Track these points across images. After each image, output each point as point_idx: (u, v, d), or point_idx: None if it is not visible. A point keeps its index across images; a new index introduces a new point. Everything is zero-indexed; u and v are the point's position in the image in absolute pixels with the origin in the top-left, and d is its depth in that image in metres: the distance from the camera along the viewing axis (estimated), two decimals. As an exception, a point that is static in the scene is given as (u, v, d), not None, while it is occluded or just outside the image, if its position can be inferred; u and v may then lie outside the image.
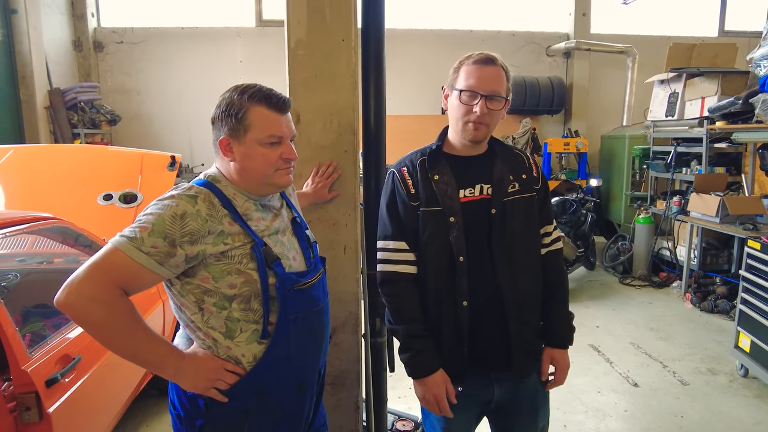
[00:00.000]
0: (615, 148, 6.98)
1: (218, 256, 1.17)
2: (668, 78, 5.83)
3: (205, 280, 1.18)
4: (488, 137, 1.54)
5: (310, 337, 1.31)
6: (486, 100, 1.44)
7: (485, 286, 1.49)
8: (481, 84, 1.44)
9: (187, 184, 1.22)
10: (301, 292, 1.26)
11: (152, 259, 1.09)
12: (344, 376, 2.18)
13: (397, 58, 7.50)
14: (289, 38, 2.02)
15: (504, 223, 1.49)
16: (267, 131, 1.20)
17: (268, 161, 1.21)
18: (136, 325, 1.12)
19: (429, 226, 1.50)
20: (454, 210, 1.48)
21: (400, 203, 1.54)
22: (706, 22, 8.56)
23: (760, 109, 4.40)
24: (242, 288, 1.19)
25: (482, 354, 1.52)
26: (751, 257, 3.35)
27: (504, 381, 1.57)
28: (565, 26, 8.23)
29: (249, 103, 1.19)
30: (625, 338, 4.11)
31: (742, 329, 3.39)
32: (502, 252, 1.49)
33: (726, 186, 5.17)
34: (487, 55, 1.47)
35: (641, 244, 5.70)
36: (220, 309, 1.20)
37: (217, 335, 1.21)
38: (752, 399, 3.18)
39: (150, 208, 1.14)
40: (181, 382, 1.20)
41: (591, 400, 3.15)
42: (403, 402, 3.05)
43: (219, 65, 7.54)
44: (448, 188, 1.49)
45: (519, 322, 1.51)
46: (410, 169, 1.56)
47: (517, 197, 1.52)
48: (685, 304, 4.92)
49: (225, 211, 1.19)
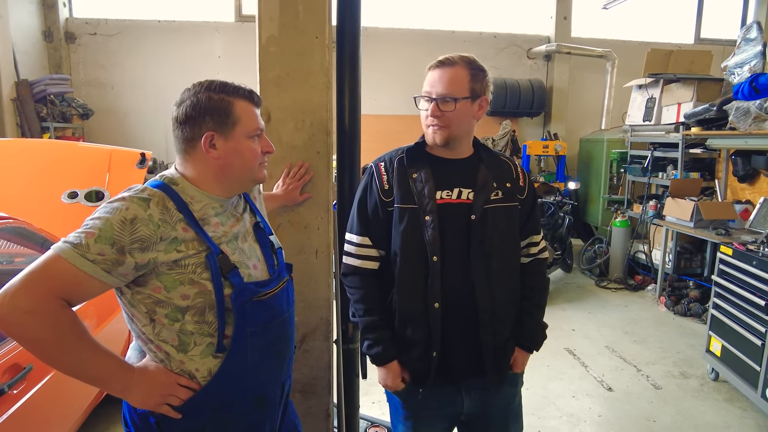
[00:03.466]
0: (593, 152, 7.05)
1: (170, 265, 1.09)
2: (646, 83, 5.90)
3: (157, 290, 1.11)
4: (454, 139, 1.49)
5: (270, 350, 1.25)
6: (438, 102, 1.43)
7: (459, 291, 1.46)
8: (432, 87, 1.45)
9: (140, 186, 1.14)
10: (260, 304, 1.19)
11: (98, 267, 1.02)
12: (315, 383, 2.12)
13: (380, 57, 7.46)
14: (260, 35, 1.95)
15: (483, 231, 1.46)
16: (253, 124, 1.20)
17: (254, 155, 1.21)
18: (77, 340, 1.04)
19: (403, 223, 1.47)
20: (430, 209, 1.44)
21: (370, 198, 1.54)
22: (683, 29, 8.70)
23: (734, 116, 4.48)
24: (196, 299, 1.12)
25: (451, 360, 1.48)
26: (723, 263, 3.39)
27: (473, 392, 1.55)
28: (546, 29, 8.27)
29: (233, 98, 1.17)
30: (601, 342, 4.14)
31: (714, 334, 3.43)
32: (480, 259, 1.45)
33: (700, 191, 5.25)
34: (446, 57, 1.46)
35: (617, 248, 5.76)
36: (173, 321, 1.13)
37: (170, 348, 1.14)
38: (722, 402, 3.22)
39: (98, 212, 1.07)
40: (130, 398, 1.13)
41: (566, 405, 3.15)
42: (376, 407, 3.00)
43: (197, 60, 7.37)
44: (425, 187, 1.46)
45: (491, 332, 1.48)
46: (387, 165, 1.54)
47: (499, 205, 1.49)
48: (660, 307, 4.98)
49: (180, 216, 1.12)
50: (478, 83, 1.45)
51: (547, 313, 1.64)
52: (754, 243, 3.35)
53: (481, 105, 1.48)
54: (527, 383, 3.57)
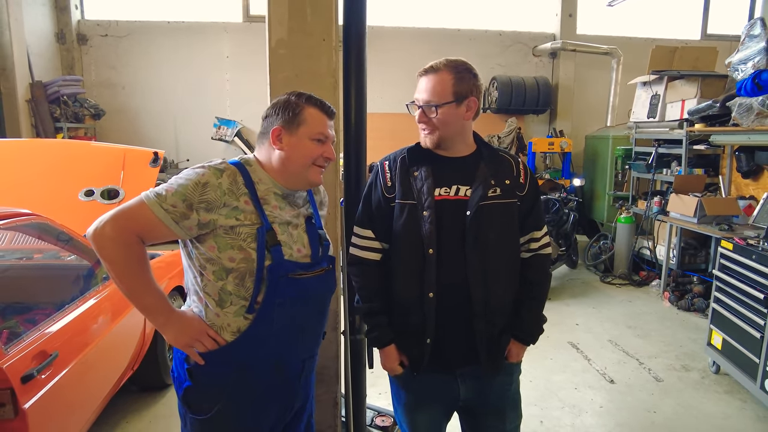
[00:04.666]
0: (599, 148, 7.08)
1: (227, 229, 1.29)
2: (650, 80, 5.93)
3: (211, 248, 1.30)
4: (445, 141, 1.57)
5: (295, 324, 1.40)
6: (423, 109, 1.55)
7: (453, 282, 1.54)
8: (418, 94, 1.57)
9: (220, 159, 1.38)
10: (293, 281, 1.36)
11: (169, 216, 1.25)
12: (323, 372, 2.21)
13: (386, 56, 7.53)
14: (270, 37, 2.03)
15: (479, 227, 1.52)
16: (317, 128, 1.38)
17: (311, 154, 1.38)
18: (142, 271, 1.28)
19: (402, 217, 1.56)
20: (427, 205, 1.53)
21: (375, 194, 1.65)
22: (689, 25, 8.69)
23: (737, 112, 4.51)
24: (240, 264, 1.31)
25: (445, 348, 1.57)
26: (724, 257, 3.44)
27: (469, 378, 1.62)
28: (551, 27, 8.30)
29: (305, 104, 1.38)
30: (604, 336, 4.19)
31: (715, 327, 3.48)
32: (475, 254, 1.52)
33: (704, 187, 5.28)
34: (431, 64, 1.55)
35: (622, 244, 5.80)
36: (218, 279, 1.32)
37: (210, 301, 1.34)
38: (722, 395, 3.27)
39: (183, 174, 1.31)
40: (166, 332, 1.34)
41: (568, 396, 3.21)
42: (383, 398, 3.08)
43: (205, 60, 7.49)
44: (424, 184, 1.55)
45: (484, 322, 1.55)
46: (391, 164, 1.64)
47: (496, 202, 1.55)
48: (664, 302, 5.02)
49: (245, 190, 1.33)
50: (463, 85, 1.52)
51: (551, 307, 1.70)
52: (755, 238, 3.39)
53: (469, 106, 1.54)
54: (530, 375, 3.61)
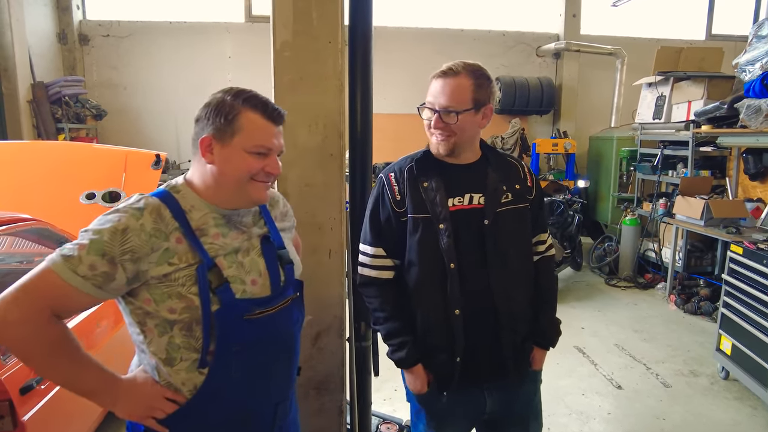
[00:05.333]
0: (603, 150, 7.03)
1: (161, 278, 1.07)
2: (656, 81, 5.88)
3: (147, 302, 1.09)
4: (458, 147, 1.50)
5: (259, 370, 1.20)
6: (440, 114, 1.44)
7: (478, 295, 1.48)
8: (435, 98, 1.45)
9: (137, 196, 1.13)
10: (251, 322, 1.14)
11: (89, 282, 1.01)
12: (328, 380, 2.17)
13: (390, 56, 7.48)
14: (274, 40, 2.00)
15: (497, 234, 1.48)
16: (256, 140, 1.12)
17: (248, 169, 1.13)
18: (65, 353, 1.04)
19: (418, 233, 1.48)
20: (443, 217, 1.46)
21: (383, 210, 1.54)
22: (693, 25, 8.63)
23: (745, 114, 4.45)
24: (182, 314, 1.09)
25: (474, 363, 1.51)
26: (733, 261, 3.39)
27: (495, 391, 1.57)
28: (555, 27, 8.25)
29: (243, 107, 1.11)
30: (610, 340, 4.15)
31: (724, 332, 3.43)
32: (496, 262, 1.48)
33: (710, 189, 5.22)
34: (451, 65, 1.45)
35: (627, 246, 5.75)
36: (162, 333, 1.11)
37: (157, 360, 1.13)
38: (732, 401, 3.23)
39: (94, 223, 1.07)
40: (117, 411, 1.13)
41: (575, 402, 3.17)
42: (388, 404, 3.04)
43: (207, 60, 7.46)
44: (437, 195, 1.48)
45: (511, 331, 1.52)
46: (397, 176, 1.55)
47: (510, 208, 1.52)
48: (670, 305, 4.97)
49: (175, 225, 1.10)
50: (482, 92, 1.46)
51: (556, 311, 1.68)
52: (766, 242, 3.35)
53: (485, 114, 1.49)
54: (537, 381, 3.51)
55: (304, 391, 2.13)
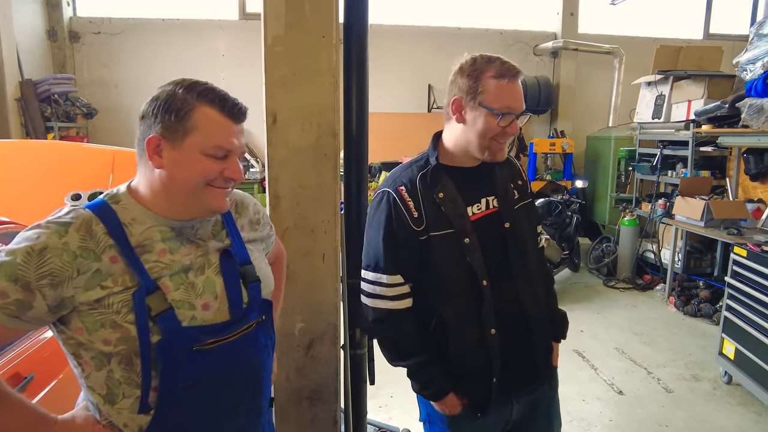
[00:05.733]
0: (601, 149, 6.97)
1: (92, 304, 0.91)
2: (655, 80, 5.82)
3: (79, 331, 0.93)
4: None
5: (221, 407, 1.03)
6: (517, 118, 1.36)
7: (509, 307, 1.40)
8: (516, 103, 1.33)
9: (68, 208, 0.97)
10: (204, 354, 0.98)
11: (0, 312, 0.86)
12: (322, 389, 2.08)
13: (384, 54, 7.39)
14: (266, 34, 1.91)
15: (517, 236, 1.43)
16: (214, 140, 0.96)
17: (204, 173, 0.96)
18: None
19: (441, 251, 1.36)
20: (468, 230, 1.36)
21: (399, 230, 1.37)
22: (691, 24, 8.59)
23: (747, 113, 4.40)
24: (118, 345, 0.93)
25: (509, 376, 1.42)
26: (737, 264, 3.33)
27: (523, 395, 1.50)
28: (552, 26, 8.18)
29: (197, 102, 0.95)
30: (610, 343, 4.08)
31: (727, 336, 3.37)
32: (520, 266, 1.42)
33: (710, 190, 5.17)
34: (514, 65, 1.35)
35: (626, 247, 5.69)
36: (99, 367, 0.96)
37: (97, 398, 0.98)
38: (736, 406, 3.16)
39: (13, 241, 0.91)
40: None
41: (576, 409, 3.10)
42: (384, 411, 2.96)
43: (201, 58, 7.34)
44: (456, 206, 1.36)
45: (542, 335, 1.47)
46: (410, 189, 1.38)
47: (521, 205, 1.49)
48: (669, 307, 4.91)
49: (110, 242, 0.93)
50: None
51: None
52: None
53: None
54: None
55: (296, 402, 2.05)
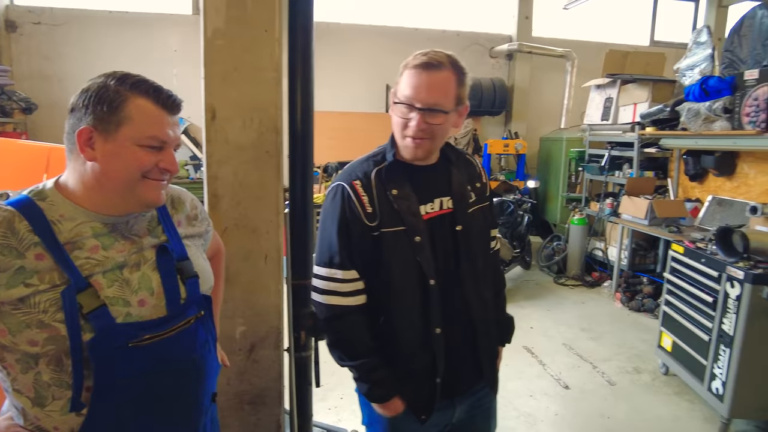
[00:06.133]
0: (553, 150, 7.16)
1: (15, 303, 0.88)
2: (604, 83, 6.02)
3: (1, 333, 0.90)
4: (434, 152, 1.39)
5: (161, 404, 1.02)
6: (424, 113, 1.27)
7: (455, 308, 1.39)
8: (418, 95, 1.26)
9: None
10: (141, 350, 0.96)
11: None
12: (265, 393, 2.04)
13: (342, 53, 7.36)
14: (205, 27, 1.86)
15: (469, 238, 1.41)
16: (149, 131, 0.96)
17: (140, 165, 0.96)
18: None
19: (390, 248, 1.34)
20: (419, 229, 1.34)
21: (353, 225, 1.35)
22: (638, 31, 8.95)
23: (685, 117, 4.61)
24: (46, 346, 0.90)
25: (454, 379, 1.42)
26: (674, 260, 3.48)
27: (465, 400, 1.49)
28: (508, 28, 8.34)
29: (130, 93, 0.95)
30: (558, 339, 4.19)
31: (665, 329, 3.52)
32: (469, 268, 1.41)
33: (654, 189, 5.39)
34: (432, 57, 1.28)
35: (575, 245, 5.87)
36: (25, 369, 0.93)
37: (25, 401, 0.95)
38: (672, 396, 3.31)
39: None
40: None
41: (523, 404, 3.16)
42: (333, 413, 2.93)
43: (152, 54, 7.07)
44: (410, 205, 1.34)
45: (487, 336, 1.46)
46: (365, 183, 1.35)
47: (476, 208, 1.46)
48: (615, 303, 5.10)
49: (35, 239, 0.90)
50: (462, 88, 1.33)
51: None
52: (703, 240, 3.44)
53: (461, 112, 1.36)
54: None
55: (238, 407, 2.00)
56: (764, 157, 4.41)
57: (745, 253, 2.93)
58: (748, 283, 2.72)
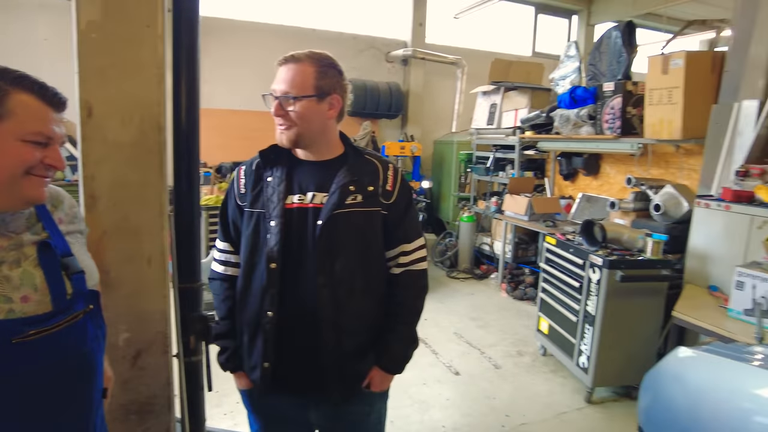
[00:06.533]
0: (445, 153, 7.57)
1: None
2: (489, 90, 6.49)
3: None
4: (304, 139, 1.42)
5: (48, 400, 1.00)
6: (279, 100, 1.40)
7: (300, 301, 1.40)
8: (276, 85, 1.41)
9: None
10: (26, 345, 0.95)
11: None
12: (152, 401, 1.95)
13: (238, 50, 7.15)
14: (79, 18, 1.74)
15: (331, 238, 1.38)
16: (34, 126, 0.96)
17: (24, 161, 0.96)
18: None
19: (249, 228, 1.45)
20: (275, 214, 1.40)
21: (230, 204, 1.54)
22: (522, 42, 9.74)
23: (558, 122, 5.13)
24: None
25: (289, 372, 1.45)
26: (548, 251, 3.87)
27: (321, 404, 1.50)
28: (403, 34, 8.64)
29: (12, 87, 0.95)
30: (450, 329, 4.46)
31: (542, 314, 3.90)
32: (325, 267, 1.38)
33: (533, 188, 5.92)
34: (294, 53, 1.43)
35: (465, 241, 6.27)
36: None
37: None
38: (549, 374, 3.68)
39: None
40: None
41: (417, 392, 3.33)
42: (229, 419, 2.87)
43: (16, 42, 6.34)
44: (275, 191, 1.42)
45: (334, 344, 1.40)
46: (246, 169, 1.53)
47: (355, 210, 1.41)
48: (501, 293, 5.53)
49: None
50: (326, 80, 1.39)
51: (413, 331, 1.58)
52: (573, 233, 3.87)
53: (332, 104, 1.41)
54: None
55: (123, 418, 1.89)
56: (621, 159, 5.05)
57: (604, 242, 3.35)
58: (605, 268, 3.12)
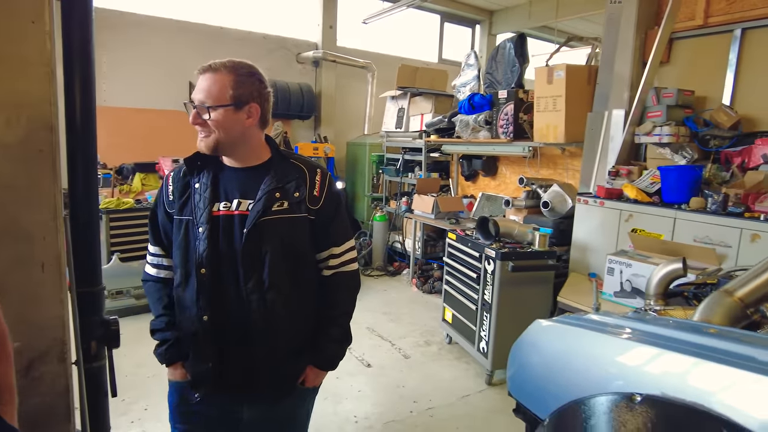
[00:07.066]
0: (358, 154, 7.74)
1: None
2: (397, 95, 6.74)
3: None
4: (224, 147, 1.47)
5: None
6: (197, 109, 1.45)
7: (231, 305, 1.47)
8: (194, 95, 1.46)
9: None
10: None
11: None
12: (50, 412, 1.87)
13: (140, 46, 6.79)
14: (-47, 10, 1.64)
15: (257, 243, 1.44)
16: None
17: None
18: None
19: (179, 235, 1.50)
20: (202, 221, 1.45)
21: (159, 209, 1.59)
22: (429, 49, 10.16)
23: (459, 127, 5.47)
24: None
25: (227, 373, 1.51)
26: (450, 246, 4.14)
27: (257, 401, 1.57)
28: (314, 36, 8.67)
29: None
30: (363, 324, 4.61)
31: (447, 305, 4.17)
32: (251, 272, 1.45)
33: (439, 188, 6.26)
34: (211, 63, 1.44)
35: (378, 239, 6.47)
36: None
37: None
38: (453, 361, 3.94)
39: None
40: None
41: (331, 386, 3.42)
42: (137, 426, 2.79)
43: None
44: (201, 198, 1.47)
45: (266, 345, 1.49)
46: (174, 175, 1.57)
47: (281, 217, 1.46)
48: (412, 288, 5.78)
49: None
50: (243, 89, 1.42)
51: (346, 329, 1.65)
52: (472, 229, 4.17)
53: (250, 113, 1.45)
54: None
55: (16, 431, 1.80)
56: (515, 161, 5.49)
57: (497, 236, 3.66)
58: (498, 260, 3.42)
